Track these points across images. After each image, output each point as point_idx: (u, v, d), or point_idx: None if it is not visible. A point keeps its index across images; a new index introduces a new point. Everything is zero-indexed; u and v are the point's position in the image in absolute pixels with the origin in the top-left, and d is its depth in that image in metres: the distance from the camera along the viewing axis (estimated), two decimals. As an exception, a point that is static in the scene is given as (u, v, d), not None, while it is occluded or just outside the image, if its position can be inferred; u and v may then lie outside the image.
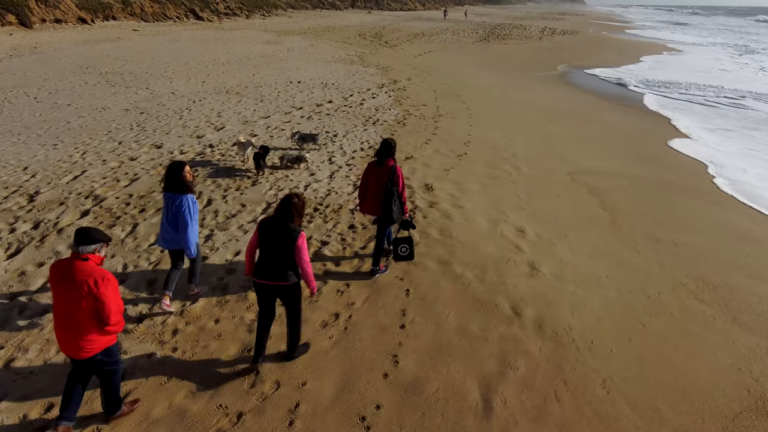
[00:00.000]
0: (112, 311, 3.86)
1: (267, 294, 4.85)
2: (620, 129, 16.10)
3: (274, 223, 4.73)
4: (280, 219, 4.73)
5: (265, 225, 4.77)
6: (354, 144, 11.98)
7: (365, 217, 8.08)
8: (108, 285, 3.85)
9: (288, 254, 4.68)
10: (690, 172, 12.37)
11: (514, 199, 9.41)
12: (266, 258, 4.74)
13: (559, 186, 10.36)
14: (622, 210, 9.47)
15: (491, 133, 14.08)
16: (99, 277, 3.82)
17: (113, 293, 3.89)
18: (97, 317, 3.86)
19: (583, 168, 11.68)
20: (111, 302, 3.86)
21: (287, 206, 4.74)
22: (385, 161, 6.27)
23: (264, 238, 4.73)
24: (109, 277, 3.88)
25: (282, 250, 4.67)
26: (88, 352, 3.93)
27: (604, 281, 6.96)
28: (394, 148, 6.38)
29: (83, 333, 3.87)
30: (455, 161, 11.07)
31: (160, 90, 16.46)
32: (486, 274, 6.76)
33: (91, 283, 3.78)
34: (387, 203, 6.23)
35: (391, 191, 6.20)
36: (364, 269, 6.67)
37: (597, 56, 36.04)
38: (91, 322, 3.86)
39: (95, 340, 3.93)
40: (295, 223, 4.76)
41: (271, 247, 4.70)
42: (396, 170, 6.25)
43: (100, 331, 3.92)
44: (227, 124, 12.68)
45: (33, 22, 29.84)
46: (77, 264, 3.85)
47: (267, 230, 4.73)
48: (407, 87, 20.57)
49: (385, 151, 6.29)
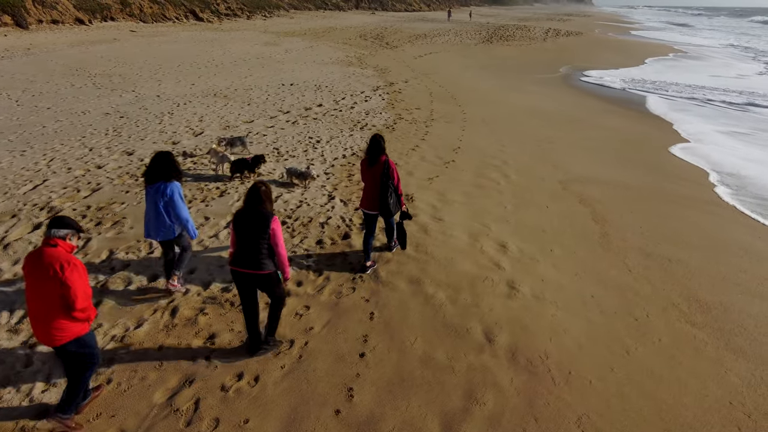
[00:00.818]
0: (78, 296, 3.85)
1: (245, 283, 4.90)
2: (620, 134, 15.58)
3: (247, 212, 4.82)
4: (252, 207, 4.82)
5: (239, 215, 4.86)
6: (336, 151, 11.52)
7: (336, 231, 7.63)
8: (74, 270, 3.86)
9: (263, 241, 4.75)
10: (690, 180, 11.86)
11: (499, 210, 8.93)
12: (242, 246, 4.80)
13: (548, 196, 9.88)
14: (614, 222, 8.98)
15: (483, 138, 13.60)
16: (65, 261, 3.85)
17: (79, 278, 3.88)
18: (65, 303, 3.85)
19: (576, 176, 11.19)
20: (76, 287, 3.84)
21: (256, 194, 4.83)
22: (378, 158, 6.36)
23: (239, 228, 4.80)
24: (75, 263, 3.90)
25: (256, 236, 4.74)
26: (60, 340, 3.93)
27: (588, 302, 6.48)
28: (384, 144, 6.45)
29: (52, 319, 3.88)
30: (441, 169, 10.60)
31: (146, 93, 16.09)
32: (460, 294, 6.29)
33: (57, 267, 3.81)
34: (384, 197, 6.33)
35: (387, 185, 6.31)
36: (327, 291, 6.22)
37: (601, 58, 35.47)
38: (58, 308, 3.87)
39: (65, 328, 3.92)
40: (267, 208, 4.85)
41: (246, 235, 4.77)
42: (389, 164, 6.35)
43: (68, 317, 3.91)
44: (207, 129, 12.25)
45: (29, 23, 29.63)
46: (46, 250, 3.90)
47: (241, 220, 4.82)
48: (403, 90, 20.13)
49: (375, 148, 6.37)
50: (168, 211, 5.61)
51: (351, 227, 7.81)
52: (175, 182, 5.65)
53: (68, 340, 3.96)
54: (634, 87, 24.50)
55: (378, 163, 6.36)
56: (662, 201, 10.35)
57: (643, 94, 22.96)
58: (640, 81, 26.28)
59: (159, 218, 5.62)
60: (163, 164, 5.62)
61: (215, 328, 5.45)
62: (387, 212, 6.45)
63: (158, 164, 5.63)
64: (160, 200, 5.56)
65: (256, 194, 4.84)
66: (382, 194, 6.33)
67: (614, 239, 8.35)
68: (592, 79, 26.58)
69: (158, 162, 5.64)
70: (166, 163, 5.62)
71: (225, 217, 7.93)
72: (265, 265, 4.80)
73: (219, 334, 5.38)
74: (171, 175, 5.62)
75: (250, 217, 4.78)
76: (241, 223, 4.81)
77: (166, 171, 5.60)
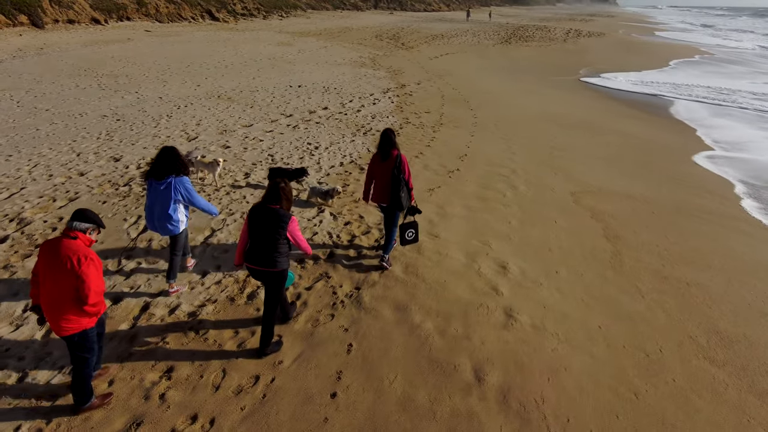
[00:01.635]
0: (91, 290, 3.89)
1: (258, 278, 4.93)
2: (639, 140, 14.79)
3: (263, 210, 4.77)
4: (269, 205, 4.77)
5: (254, 212, 4.81)
6: (334, 158, 10.97)
7: (320, 250, 7.06)
8: (90, 264, 3.90)
9: (277, 240, 4.73)
10: (714, 192, 11.07)
11: (502, 226, 8.30)
12: (256, 244, 4.77)
13: (558, 209, 9.22)
14: (628, 239, 8.30)
15: (493, 144, 12.96)
16: (83, 255, 3.89)
17: (95, 273, 3.93)
18: (78, 296, 3.89)
19: (590, 187, 10.50)
20: (91, 281, 3.88)
21: (275, 191, 4.78)
22: (390, 153, 6.38)
23: (253, 225, 4.76)
24: (92, 257, 3.94)
25: (271, 236, 4.71)
26: (67, 331, 3.98)
27: (594, 334, 5.84)
28: (395, 138, 6.46)
29: (63, 311, 3.92)
30: (444, 179, 9.98)
31: (149, 94, 15.76)
32: (450, 324, 5.70)
33: (74, 260, 3.85)
34: (396, 191, 6.34)
35: (399, 179, 6.32)
36: (304, 318, 5.67)
37: (623, 60, 34.40)
38: (71, 300, 3.91)
39: (74, 320, 3.96)
40: (284, 207, 4.81)
41: (261, 233, 4.73)
42: (402, 159, 6.37)
43: (79, 310, 3.95)
44: (202, 134, 11.80)
45: (45, 22, 29.71)
46: (64, 241, 3.94)
47: (256, 217, 4.77)
48: (414, 92, 19.55)
49: (387, 143, 6.38)
50: (176, 207, 5.62)
51: (338, 245, 7.26)
52: (184, 177, 5.64)
53: (75, 332, 4.00)
54: (656, 90, 23.54)
55: (390, 158, 6.36)
56: (682, 216, 9.62)
57: (666, 97, 22.02)
58: (663, 84, 25.28)
59: (166, 214, 5.59)
60: (171, 159, 5.57)
61: (174, 361, 4.96)
62: (398, 206, 6.42)
63: (166, 159, 5.58)
64: (173, 196, 5.53)
65: (275, 192, 4.78)
66: (395, 188, 6.32)
67: (627, 259, 7.67)
68: (612, 81, 25.65)
69: (166, 157, 5.58)
70: (174, 158, 5.59)
71: (204, 231, 7.44)
72: (279, 263, 4.80)
73: (177, 367, 4.88)
74: (180, 170, 5.60)
75: (268, 217, 4.73)
76: (257, 220, 4.76)
77: (175, 165, 5.57)
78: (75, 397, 4.28)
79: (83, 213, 4.08)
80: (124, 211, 7.95)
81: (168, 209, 5.57)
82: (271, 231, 4.71)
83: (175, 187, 5.54)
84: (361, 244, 7.34)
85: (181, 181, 5.59)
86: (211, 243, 7.19)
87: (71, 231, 3.99)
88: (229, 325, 5.47)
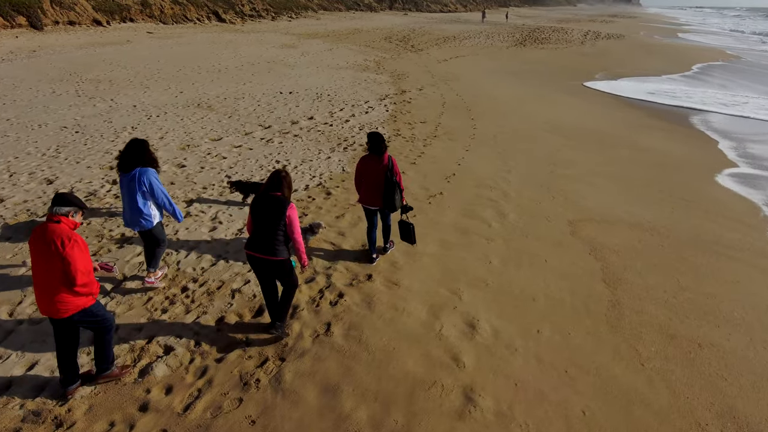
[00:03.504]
0: (78, 271, 3.94)
1: (259, 267, 4.96)
2: (654, 155, 13.41)
3: (264, 198, 4.87)
4: (270, 193, 4.87)
5: (256, 200, 4.92)
6: (301, 179, 9.73)
7: (247, 304, 5.85)
8: (75, 246, 3.96)
9: (278, 227, 4.80)
10: (738, 219, 9.71)
11: (480, 267, 7.06)
12: (258, 232, 4.87)
13: (551, 244, 7.96)
14: (630, 283, 7.03)
15: (488, 161, 11.71)
16: (66, 237, 3.95)
17: (79, 254, 3.98)
18: (66, 278, 3.95)
19: (591, 214, 9.22)
20: (77, 262, 3.94)
21: (276, 179, 4.89)
22: (382, 154, 6.39)
23: (255, 213, 4.88)
24: (76, 238, 4.01)
25: (272, 223, 4.79)
26: (63, 313, 4.03)
27: (575, 424, 4.61)
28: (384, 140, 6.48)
29: (54, 293, 3.98)
30: (422, 205, 8.75)
31: (125, 102, 14.77)
32: (390, 413, 4.49)
33: (59, 243, 3.92)
34: (390, 194, 6.37)
35: (392, 181, 6.33)
36: (202, 404, 4.46)
37: (642, 63, 32.77)
38: (60, 282, 3.97)
39: (67, 301, 4.02)
40: (285, 195, 4.88)
41: (262, 220, 4.82)
42: (392, 161, 6.44)
43: (70, 292, 4.01)
44: (161, 150, 10.65)
45: (45, 24, 29.16)
46: (49, 226, 4.01)
47: (258, 205, 4.87)
48: (414, 98, 18.36)
49: (379, 144, 6.38)
50: (145, 201, 5.49)
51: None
52: (150, 169, 5.51)
53: (72, 312, 4.06)
54: (676, 97, 21.99)
55: (382, 160, 6.37)
56: (698, 250, 8.30)
57: (687, 106, 20.48)
58: (685, 90, 23.70)
59: (135, 208, 5.49)
60: (137, 150, 5.49)
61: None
62: (391, 207, 6.45)
63: (133, 151, 5.47)
64: (137, 189, 5.42)
65: (276, 179, 4.89)
66: (389, 190, 6.34)
67: (628, 311, 6.41)
68: (629, 87, 24.13)
69: (133, 148, 5.48)
70: (140, 150, 5.50)
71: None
72: (279, 251, 4.84)
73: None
74: (146, 161, 5.49)
75: (268, 203, 4.83)
76: (258, 207, 4.86)
77: (141, 157, 5.46)
78: (97, 363, 4.46)
79: (63, 197, 4.11)
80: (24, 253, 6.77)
81: (137, 203, 5.45)
82: (271, 218, 4.78)
83: (140, 179, 5.39)
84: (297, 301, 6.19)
85: (146, 171, 5.43)
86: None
87: (54, 216, 4.03)
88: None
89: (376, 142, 6.39)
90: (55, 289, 3.98)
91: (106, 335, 4.36)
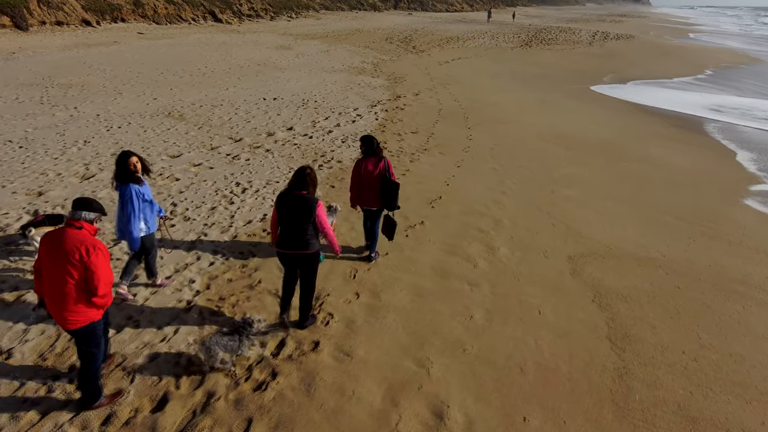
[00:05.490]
0: (101, 281, 3.76)
1: (291, 262, 5.11)
2: (668, 170, 12.12)
3: (290, 196, 4.92)
4: (295, 191, 4.92)
5: (282, 199, 4.95)
6: (259, 208, 8.34)
7: (149, 391, 4.60)
8: (99, 254, 3.75)
9: (308, 224, 4.89)
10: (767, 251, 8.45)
11: (459, 324, 5.80)
12: (287, 230, 4.94)
13: (547, 287, 6.70)
14: (642, 341, 5.79)
15: (481, 179, 10.45)
16: (90, 245, 3.74)
17: (104, 263, 3.79)
18: (86, 287, 3.76)
19: (596, 246, 7.97)
20: (101, 271, 3.75)
21: (301, 177, 4.90)
22: (378, 158, 6.48)
23: (282, 212, 4.93)
24: (100, 247, 3.80)
25: (301, 221, 4.87)
26: (74, 324, 3.82)
27: None
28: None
29: (70, 304, 3.76)
30: (398, 239, 7.44)
31: (89, 110, 13.58)
32: None
33: (83, 251, 3.70)
34: (388, 193, 6.40)
35: (393, 183, 6.38)
36: None
37: (653, 65, 31.38)
38: (78, 292, 3.77)
39: (81, 312, 3.81)
40: (310, 193, 4.93)
41: (291, 219, 4.89)
42: (388, 163, 6.51)
43: (87, 302, 3.82)
44: (106, 170, 9.37)
45: (30, 24, 28.14)
46: (70, 232, 3.77)
47: (284, 203, 4.92)
48: (408, 105, 17.13)
49: (372, 147, 6.47)
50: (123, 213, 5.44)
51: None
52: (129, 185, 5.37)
53: (82, 325, 3.85)
54: (688, 102, 20.63)
55: (378, 161, 6.45)
56: (721, 292, 7.06)
57: (700, 113, 19.11)
58: (697, 95, 22.34)
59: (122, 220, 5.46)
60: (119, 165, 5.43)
61: None
62: (391, 205, 6.50)
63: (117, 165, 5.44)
64: (119, 201, 5.43)
65: (301, 178, 4.88)
66: (390, 191, 6.38)
67: (638, 384, 5.18)
68: (639, 91, 22.77)
69: (118, 162, 5.45)
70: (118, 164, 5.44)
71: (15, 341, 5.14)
72: (311, 245, 4.96)
73: None
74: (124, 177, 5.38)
75: (295, 203, 4.85)
76: (285, 207, 4.89)
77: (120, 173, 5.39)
78: (82, 395, 4.14)
79: (88, 202, 3.91)
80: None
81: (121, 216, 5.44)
82: (301, 217, 4.84)
83: (122, 193, 5.39)
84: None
85: (124, 188, 5.38)
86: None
87: (77, 221, 3.82)
88: None
89: (370, 144, 6.47)
90: (71, 300, 3.75)
91: (92, 363, 4.03)
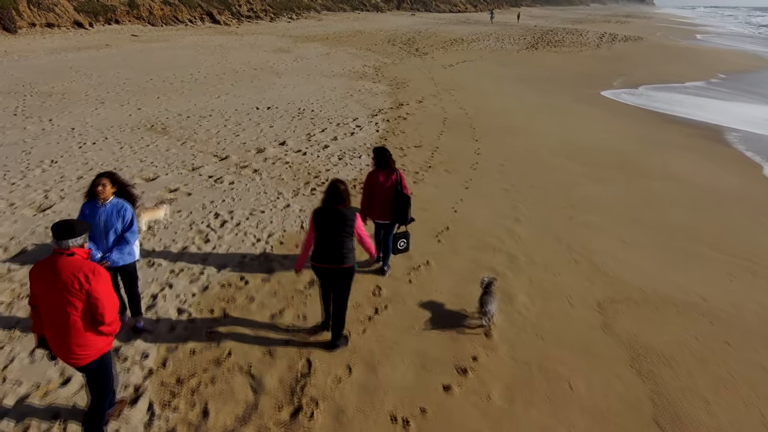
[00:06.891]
0: (106, 308, 3.51)
1: (329, 277, 5.06)
2: (694, 190, 11.06)
3: (328, 211, 4.94)
4: (333, 206, 4.92)
5: (320, 214, 4.97)
6: (241, 245, 7.29)
7: None
8: (100, 279, 3.49)
9: (346, 237, 4.93)
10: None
11: (472, 409, 4.73)
12: (325, 244, 4.93)
13: (576, 350, 5.64)
14: (696, 422, 4.74)
15: (490, 205, 9.39)
16: (89, 271, 3.46)
17: (106, 288, 3.53)
18: (91, 317, 3.51)
19: (627, 288, 6.91)
20: (105, 298, 3.49)
21: (336, 192, 4.93)
22: (391, 171, 6.38)
23: (321, 227, 4.94)
24: (100, 271, 3.52)
25: (340, 234, 4.90)
26: (83, 359, 3.55)
27: None
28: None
29: (76, 337, 3.49)
30: (400, 287, 6.37)
31: (64, 123, 12.51)
32: None
33: (82, 278, 3.43)
34: (404, 206, 6.35)
35: (406, 197, 6.36)
36: None
37: (663, 68, 30.30)
38: (84, 324, 3.50)
39: (90, 345, 3.55)
40: (346, 206, 4.95)
41: (330, 234, 4.91)
42: (401, 176, 6.42)
43: (95, 332, 3.56)
44: (66, 199, 8.19)
45: (19, 26, 27.17)
46: (62, 260, 3.46)
47: (322, 219, 4.94)
48: (412, 114, 16.09)
49: (386, 158, 6.40)
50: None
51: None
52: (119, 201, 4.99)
53: (93, 358, 3.59)
54: (702, 107, 19.56)
55: (391, 173, 6.36)
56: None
57: (720, 120, 18.03)
58: (712, 101, 21.26)
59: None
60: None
61: None
62: (402, 219, 6.43)
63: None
64: None
65: (335, 193, 4.93)
66: (402, 204, 6.33)
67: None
68: (652, 97, 21.69)
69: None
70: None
71: None
72: (348, 259, 4.97)
73: None
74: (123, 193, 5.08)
75: (333, 217, 4.91)
76: (323, 222, 4.93)
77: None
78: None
79: (70, 228, 3.47)
80: None
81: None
82: (339, 231, 4.90)
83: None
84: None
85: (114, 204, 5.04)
86: None
87: (64, 249, 3.46)
88: None
89: (382, 156, 6.39)
90: (77, 333, 3.48)
91: (103, 403, 3.79)
